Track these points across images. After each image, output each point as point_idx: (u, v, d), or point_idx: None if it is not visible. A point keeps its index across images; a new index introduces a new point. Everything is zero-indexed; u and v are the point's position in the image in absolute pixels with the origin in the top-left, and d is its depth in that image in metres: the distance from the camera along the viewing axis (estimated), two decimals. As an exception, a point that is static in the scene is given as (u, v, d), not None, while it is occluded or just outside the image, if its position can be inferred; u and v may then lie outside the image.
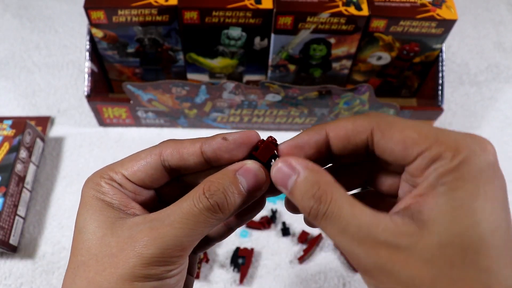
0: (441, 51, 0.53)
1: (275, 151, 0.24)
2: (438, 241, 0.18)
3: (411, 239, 0.19)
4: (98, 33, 0.51)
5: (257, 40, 0.51)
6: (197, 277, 0.46)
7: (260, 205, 0.26)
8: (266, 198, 0.26)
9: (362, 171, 0.26)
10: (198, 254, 0.29)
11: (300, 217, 0.51)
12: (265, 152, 0.24)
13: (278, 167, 0.23)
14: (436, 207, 0.19)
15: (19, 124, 0.52)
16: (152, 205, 0.26)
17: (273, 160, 0.24)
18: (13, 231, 0.48)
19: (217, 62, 0.55)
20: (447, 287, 0.18)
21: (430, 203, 0.19)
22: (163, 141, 0.25)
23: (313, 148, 0.23)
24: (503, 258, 0.19)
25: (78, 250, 0.23)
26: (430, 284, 0.18)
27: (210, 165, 0.25)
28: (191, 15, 0.48)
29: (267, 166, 0.24)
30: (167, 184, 0.26)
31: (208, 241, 0.28)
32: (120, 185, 0.24)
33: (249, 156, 0.25)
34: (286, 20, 0.48)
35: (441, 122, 0.60)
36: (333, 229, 0.20)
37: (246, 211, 0.26)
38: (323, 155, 0.23)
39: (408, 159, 0.20)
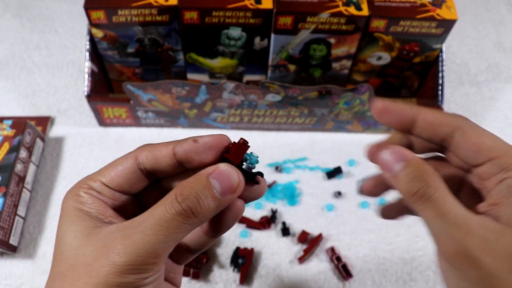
0: (441, 51, 0.53)
1: (247, 152, 0.24)
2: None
3: (497, 235, 0.22)
4: (98, 33, 0.51)
5: (257, 40, 0.51)
6: (197, 277, 0.46)
7: (239, 211, 0.26)
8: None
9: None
10: (183, 264, 0.29)
11: (300, 217, 0.51)
12: (237, 154, 0.24)
13: (389, 152, 0.25)
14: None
15: (19, 124, 0.52)
16: (131, 212, 0.26)
17: (244, 163, 0.24)
18: (13, 231, 0.48)
19: (217, 62, 0.55)
20: None
21: (506, 210, 0.22)
22: (140, 146, 0.26)
23: (403, 120, 0.26)
24: None
25: (56, 262, 0.23)
26: (508, 275, 0.21)
27: (184, 167, 0.25)
28: (191, 15, 0.48)
29: (240, 168, 0.24)
30: (147, 190, 0.27)
31: (190, 250, 0.28)
32: (99, 192, 0.25)
33: (222, 158, 0.25)
34: (286, 20, 0.48)
35: (441, 122, 0.60)
36: (434, 212, 0.23)
37: (224, 220, 0.26)
38: (404, 127, 0.26)
39: (478, 161, 0.24)
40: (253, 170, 0.25)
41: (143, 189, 0.27)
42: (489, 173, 0.24)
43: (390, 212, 0.30)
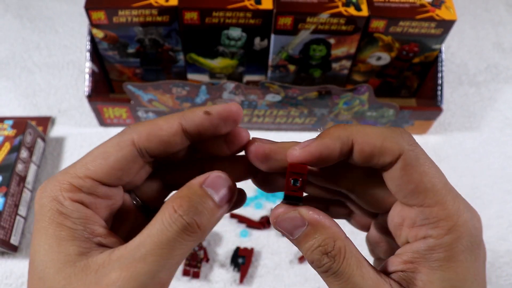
0: (440, 51, 0.53)
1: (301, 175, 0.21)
2: None
3: None
4: (98, 34, 0.51)
5: (257, 40, 0.51)
6: (197, 276, 0.47)
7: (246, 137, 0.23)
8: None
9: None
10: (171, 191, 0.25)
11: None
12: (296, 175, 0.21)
13: (287, 215, 0.21)
14: (429, 284, 0.20)
15: (20, 124, 0.52)
16: (131, 209, 0.23)
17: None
18: (14, 230, 0.48)
19: (217, 63, 0.55)
20: None
21: (423, 277, 0.20)
22: (129, 127, 0.21)
23: (335, 158, 0.21)
24: None
25: None
26: None
27: (193, 144, 0.22)
28: (191, 16, 0.48)
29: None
30: (146, 185, 0.23)
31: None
32: (90, 194, 0.20)
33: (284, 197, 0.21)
34: (286, 21, 0.48)
35: (440, 122, 0.61)
36: (338, 287, 0.20)
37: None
38: (336, 161, 0.21)
39: (411, 202, 0.20)
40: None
41: (146, 178, 0.23)
42: (412, 221, 0.20)
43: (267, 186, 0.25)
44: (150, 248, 0.18)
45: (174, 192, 0.21)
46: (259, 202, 0.52)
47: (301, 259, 0.48)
